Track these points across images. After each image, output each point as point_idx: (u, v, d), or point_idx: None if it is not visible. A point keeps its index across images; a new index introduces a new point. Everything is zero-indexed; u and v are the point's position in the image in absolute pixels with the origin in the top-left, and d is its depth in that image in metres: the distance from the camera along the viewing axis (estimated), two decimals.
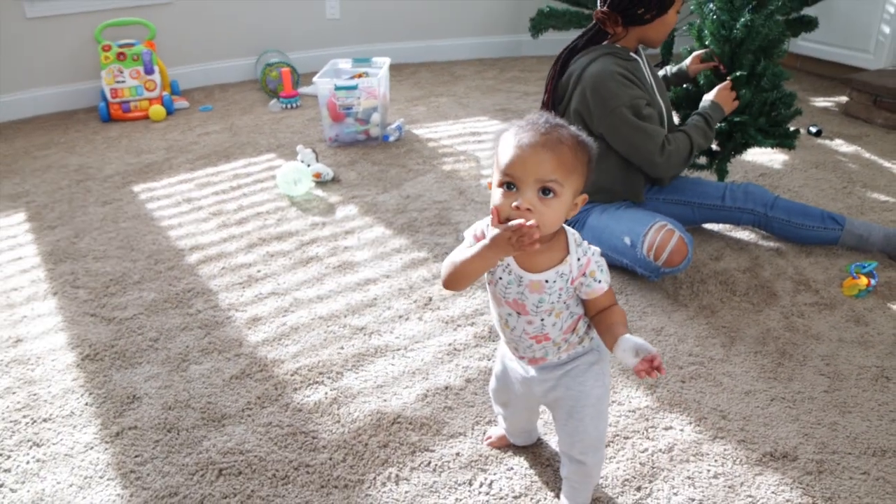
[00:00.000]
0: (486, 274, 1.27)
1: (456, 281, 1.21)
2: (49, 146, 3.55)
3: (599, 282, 1.22)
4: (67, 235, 2.61)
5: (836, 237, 2.34)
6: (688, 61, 2.50)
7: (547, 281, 1.21)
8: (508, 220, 1.12)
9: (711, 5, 2.37)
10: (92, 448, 1.61)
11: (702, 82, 2.44)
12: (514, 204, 1.12)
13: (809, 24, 3.66)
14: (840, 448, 1.58)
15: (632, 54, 2.24)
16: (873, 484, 1.49)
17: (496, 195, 1.16)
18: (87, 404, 1.75)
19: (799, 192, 2.83)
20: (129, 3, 4.12)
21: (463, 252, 1.19)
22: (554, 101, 2.29)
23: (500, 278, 1.24)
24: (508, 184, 1.14)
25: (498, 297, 1.27)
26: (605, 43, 2.25)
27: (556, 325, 1.26)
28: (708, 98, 2.32)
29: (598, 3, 2.22)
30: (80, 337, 2.01)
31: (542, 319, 1.24)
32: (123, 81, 3.92)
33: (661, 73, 2.55)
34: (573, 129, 1.19)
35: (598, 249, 1.24)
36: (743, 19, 2.27)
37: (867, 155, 3.23)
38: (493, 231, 1.13)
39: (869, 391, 1.76)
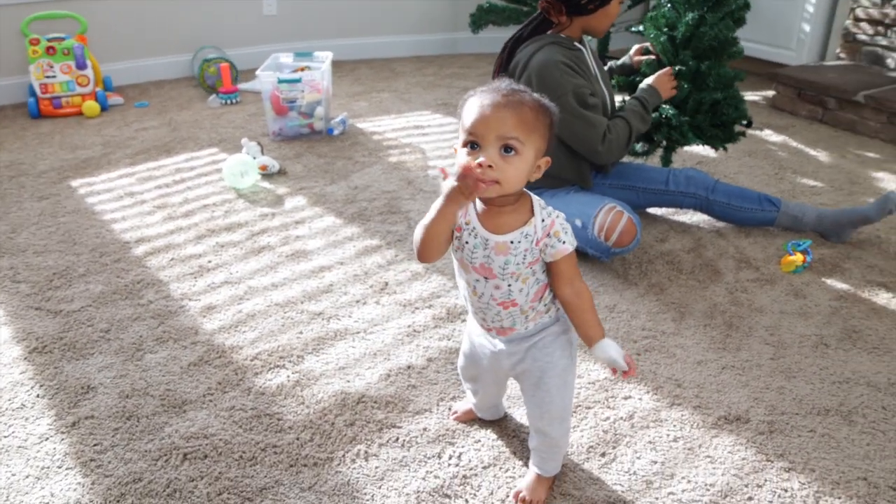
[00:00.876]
0: (454, 241, 1.29)
1: (426, 247, 1.24)
2: None
3: (564, 242, 1.25)
4: (3, 230, 2.51)
5: (772, 218, 2.45)
6: (631, 53, 2.58)
7: (512, 242, 1.23)
8: None
9: None
10: (47, 439, 1.56)
11: (643, 69, 2.52)
12: (477, 161, 1.15)
13: (738, 22, 3.82)
14: (788, 409, 1.66)
15: (576, 44, 2.30)
16: (819, 440, 1.57)
17: (460, 155, 1.19)
18: (38, 396, 1.69)
19: (735, 178, 2.96)
20: None
21: (425, 218, 1.22)
22: None
23: (467, 243, 1.26)
24: (472, 143, 1.17)
25: (465, 264, 1.29)
26: (549, 32, 2.30)
27: (522, 291, 1.28)
28: (646, 82, 2.38)
29: None
30: (26, 330, 1.94)
31: (510, 284, 1.26)
32: (54, 76, 3.78)
33: (605, 67, 2.62)
34: (535, 94, 1.23)
35: (562, 214, 1.28)
36: (689, 17, 2.34)
37: (794, 144, 3.39)
38: (445, 185, 1.16)
39: (810, 357, 1.85)
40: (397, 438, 1.57)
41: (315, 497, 1.41)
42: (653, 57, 2.48)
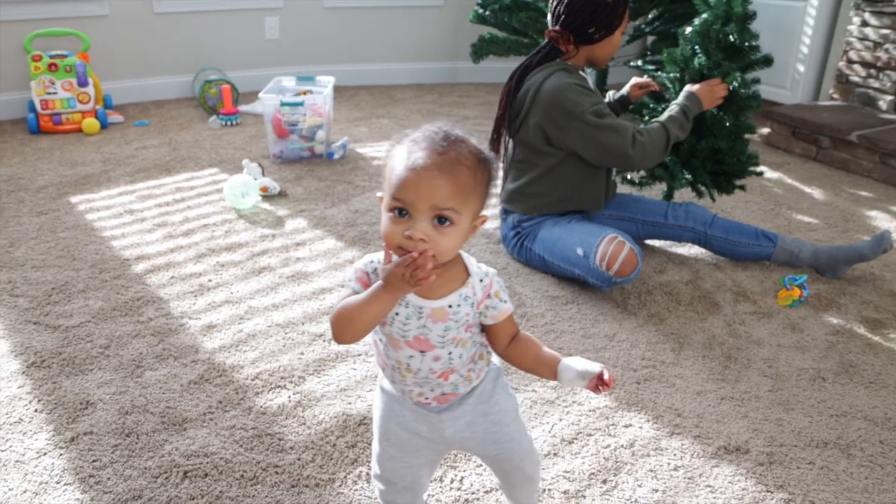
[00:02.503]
0: None
1: (351, 333, 1.06)
2: None
3: (505, 302, 1.12)
4: (2, 245, 2.50)
5: (769, 253, 2.48)
6: (626, 88, 2.61)
7: (451, 306, 1.08)
8: (400, 248, 1.00)
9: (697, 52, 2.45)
10: (45, 454, 1.55)
11: (644, 100, 2.56)
12: (407, 233, 0.99)
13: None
14: (787, 441, 1.67)
15: (580, 73, 2.34)
16: (819, 472, 1.58)
17: (385, 221, 1.02)
18: (36, 411, 1.68)
19: (731, 213, 2.99)
20: (61, 14, 4.02)
21: (354, 300, 1.04)
22: (509, 116, 2.37)
23: (396, 314, 1.08)
24: (399, 209, 1.00)
25: (395, 340, 1.11)
26: (557, 60, 2.34)
27: (461, 357, 1.13)
28: (689, 89, 2.36)
29: (550, 23, 2.32)
30: (24, 345, 1.93)
31: (450, 352, 1.11)
32: (55, 93, 3.80)
33: (605, 100, 2.67)
34: (473, 143, 1.05)
35: (494, 270, 1.15)
36: (701, 59, 2.37)
37: (789, 181, 3.44)
38: (384, 269, 1.00)
39: (808, 390, 1.87)
40: None
41: None
42: (652, 88, 2.52)
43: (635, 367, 1.93)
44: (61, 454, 1.55)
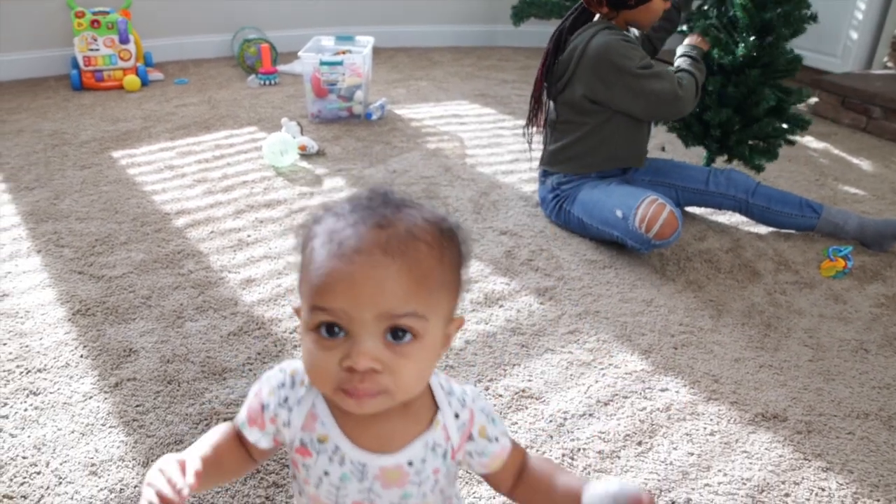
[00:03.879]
0: (295, 472, 0.80)
1: None
2: (19, 111, 3.45)
3: (497, 439, 0.79)
4: (47, 197, 2.55)
5: (812, 224, 2.43)
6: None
7: (411, 463, 0.74)
8: (341, 391, 0.67)
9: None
10: (91, 397, 1.59)
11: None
12: (347, 364, 0.65)
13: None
14: (826, 411, 1.65)
15: (625, 33, 2.31)
16: (858, 443, 1.56)
17: (308, 347, 0.68)
18: (82, 356, 1.72)
19: (775, 182, 2.93)
20: None
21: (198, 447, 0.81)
22: (551, 78, 2.34)
23: (326, 474, 0.74)
24: (329, 325, 0.66)
25: None
26: (597, 18, 2.31)
27: None
28: (684, 43, 2.47)
29: None
30: (69, 293, 1.98)
31: None
32: (97, 49, 3.83)
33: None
34: (428, 209, 0.71)
35: (476, 391, 0.81)
36: (742, 48, 2.39)
37: (836, 151, 3.36)
38: (152, 475, 0.72)
39: (850, 361, 1.84)
40: None
41: None
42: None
43: (672, 333, 1.91)
44: (106, 398, 1.59)
